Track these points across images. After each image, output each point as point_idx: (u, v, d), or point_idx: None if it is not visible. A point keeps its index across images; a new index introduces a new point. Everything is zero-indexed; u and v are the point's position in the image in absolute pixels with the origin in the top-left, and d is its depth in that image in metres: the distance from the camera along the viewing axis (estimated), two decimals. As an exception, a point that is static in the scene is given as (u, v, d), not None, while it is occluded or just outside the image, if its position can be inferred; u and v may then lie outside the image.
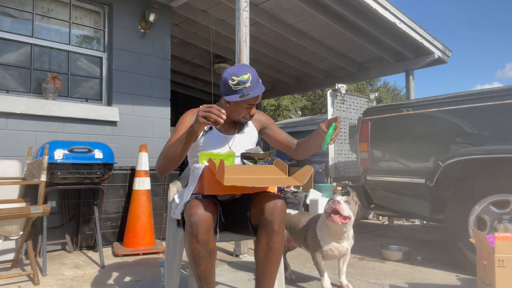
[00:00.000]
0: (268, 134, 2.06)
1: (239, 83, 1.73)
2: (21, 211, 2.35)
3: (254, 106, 1.83)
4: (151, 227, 3.44)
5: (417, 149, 3.03)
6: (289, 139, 2.05)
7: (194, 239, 1.52)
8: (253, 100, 1.78)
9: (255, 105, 1.84)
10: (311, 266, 2.94)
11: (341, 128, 4.52)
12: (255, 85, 1.75)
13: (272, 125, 2.08)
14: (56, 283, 2.51)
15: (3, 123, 3.27)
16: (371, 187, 3.35)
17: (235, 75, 1.73)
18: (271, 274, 1.66)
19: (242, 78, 1.73)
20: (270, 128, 2.06)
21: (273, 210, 1.61)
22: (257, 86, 1.77)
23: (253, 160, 1.80)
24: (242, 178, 1.53)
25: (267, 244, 1.63)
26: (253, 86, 1.74)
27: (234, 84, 1.73)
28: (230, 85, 1.74)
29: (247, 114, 1.84)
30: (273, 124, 2.08)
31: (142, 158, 3.49)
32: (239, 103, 1.78)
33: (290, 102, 20.97)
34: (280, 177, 1.63)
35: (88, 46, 3.98)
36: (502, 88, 2.73)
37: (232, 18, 4.79)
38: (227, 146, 1.89)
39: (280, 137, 2.05)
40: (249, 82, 1.73)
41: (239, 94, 1.73)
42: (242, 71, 1.75)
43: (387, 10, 4.62)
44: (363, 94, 17.35)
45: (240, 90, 1.73)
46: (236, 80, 1.73)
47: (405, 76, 6.10)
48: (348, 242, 2.28)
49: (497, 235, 2.04)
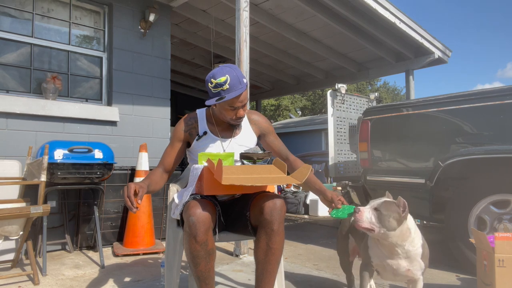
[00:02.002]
0: (265, 142, 2.04)
1: (216, 85, 1.71)
2: (21, 211, 2.35)
3: (239, 108, 1.78)
4: (151, 227, 3.44)
5: (417, 149, 3.03)
6: (284, 152, 2.03)
7: (193, 239, 1.52)
8: (234, 102, 1.74)
9: (241, 107, 1.78)
10: (311, 266, 2.94)
11: (341, 128, 4.52)
12: (234, 86, 1.70)
13: (271, 134, 2.03)
14: (56, 283, 2.51)
15: (3, 123, 3.27)
16: (371, 187, 3.35)
17: (214, 77, 1.72)
18: (270, 274, 1.66)
19: (219, 80, 1.70)
20: (267, 137, 2.03)
21: (273, 210, 1.61)
22: (237, 88, 1.71)
23: (252, 160, 1.80)
24: (241, 178, 1.53)
25: (267, 244, 1.62)
26: (232, 88, 1.70)
27: (212, 87, 1.72)
28: (210, 88, 1.74)
29: (233, 116, 1.80)
30: (272, 133, 2.04)
31: (142, 158, 3.49)
32: (223, 105, 1.77)
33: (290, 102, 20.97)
34: (279, 176, 1.63)
35: (88, 46, 3.98)
36: (502, 88, 2.73)
37: (232, 18, 4.79)
38: (222, 150, 1.89)
39: (275, 148, 2.03)
40: (226, 84, 1.69)
41: (217, 97, 1.72)
42: (221, 73, 1.71)
43: (387, 10, 4.62)
44: (363, 94, 17.35)
45: (218, 93, 1.71)
46: (214, 82, 1.71)
47: (405, 76, 6.10)
48: (411, 262, 1.68)
49: (497, 235, 2.04)
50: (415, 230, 1.67)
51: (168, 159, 1.90)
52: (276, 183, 1.60)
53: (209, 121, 1.93)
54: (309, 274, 2.72)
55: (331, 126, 4.37)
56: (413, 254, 1.66)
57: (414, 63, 5.89)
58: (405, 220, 1.63)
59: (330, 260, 3.11)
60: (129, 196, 1.52)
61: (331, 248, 3.53)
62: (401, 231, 1.62)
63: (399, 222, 1.61)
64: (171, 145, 1.92)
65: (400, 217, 1.61)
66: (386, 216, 1.61)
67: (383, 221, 1.61)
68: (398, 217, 1.61)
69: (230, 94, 1.70)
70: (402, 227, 1.62)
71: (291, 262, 3.04)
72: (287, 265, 2.92)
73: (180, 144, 1.91)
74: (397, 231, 1.62)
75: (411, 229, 1.65)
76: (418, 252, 1.67)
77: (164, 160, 1.91)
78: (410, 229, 1.65)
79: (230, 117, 1.81)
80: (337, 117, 4.46)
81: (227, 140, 1.91)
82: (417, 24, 5.12)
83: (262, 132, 2.02)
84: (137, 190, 1.56)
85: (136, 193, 1.55)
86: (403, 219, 1.62)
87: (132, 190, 1.53)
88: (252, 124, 2.00)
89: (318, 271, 2.80)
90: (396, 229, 1.61)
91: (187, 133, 1.90)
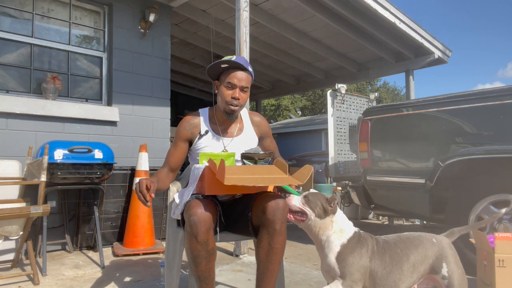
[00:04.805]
0: (262, 144, 2.06)
1: (224, 61, 1.81)
2: (21, 211, 2.35)
3: (237, 87, 1.81)
4: (151, 227, 3.44)
5: (417, 149, 3.03)
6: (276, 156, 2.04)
7: (194, 239, 1.52)
8: (233, 78, 1.80)
9: (238, 87, 1.82)
10: (311, 266, 2.94)
11: (341, 128, 4.53)
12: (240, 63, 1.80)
13: (268, 138, 2.07)
14: (56, 283, 2.51)
15: (3, 123, 3.27)
16: (371, 187, 3.35)
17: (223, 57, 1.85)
18: (272, 274, 1.66)
19: (228, 56, 1.82)
20: (265, 140, 2.06)
21: (275, 210, 1.61)
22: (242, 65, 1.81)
23: (253, 160, 1.80)
24: (243, 178, 1.53)
25: (269, 244, 1.63)
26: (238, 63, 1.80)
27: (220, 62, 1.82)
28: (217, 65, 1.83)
29: (229, 97, 1.81)
30: (269, 137, 2.08)
31: (142, 158, 3.49)
32: (222, 87, 1.83)
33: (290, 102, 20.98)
34: (281, 177, 1.63)
35: (88, 46, 3.98)
36: (502, 88, 2.73)
37: (232, 18, 4.79)
38: (223, 148, 1.89)
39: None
40: (233, 60, 1.80)
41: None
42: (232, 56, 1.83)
43: (387, 10, 4.62)
44: (363, 94, 17.36)
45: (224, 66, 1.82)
46: (223, 59, 1.82)
47: (405, 76, 6.10)
48: (326, 258, 1.60)
49: (497, 235, 2.05)
50: (341, 227, 1.63)
51: (172, 158, 1.91)
52: (278, 184, 1.60)
53: (212, 121, 1.94)
54: (309, 274, 2.72)
55: (331, 126, 4.38)
56: (334, 244, 1.60)
57: (414, 63, 5.89)
58: (333, 214, 1.64)
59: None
60: (142, 191, 1.54)
61: (331, 248, 3.52)
62: (325, 222, 1.63)
63: (326, 213, 1.63)
64: (175, 145, 1.93)
65: (327, 209, 1.63)
66: (313, 203, 1.63)
67: (312, 207, 1.62)
68: (326, 208, 1.63)
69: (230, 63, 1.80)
70: (328, 219, 1.64)
71: (291, 262, 3.04)
72: (287, 265, 2.92)
73: (183, 144, 1.92)
74: (323, 220, 1.63)
75: (335, 223, 1.64)
76: (334, 249, 1.59)
77: (169, 160, 1.91)
78: (334, 223, 1.64)
79: (226, 98, 1.82)
80: (337, 117, 4.46)
81: (229, 139, 1.92)
82: (417, 24, 5.12)
83: (261, 135, 2.04)
84: (149, 185, 1.57)
85: (148, 188, 1.56)
86: (331, 213, 1.64)
87: (144, 185, 1.55)
88: (255, 125, 2.01)
89: (318, 271, 2.80)
90: (322, 219, 1.63)
91: (189, 132, 1.91)
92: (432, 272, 1.60)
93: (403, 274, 1.56)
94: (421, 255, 1.58)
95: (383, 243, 1.62)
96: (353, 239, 1.61)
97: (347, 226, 1.65)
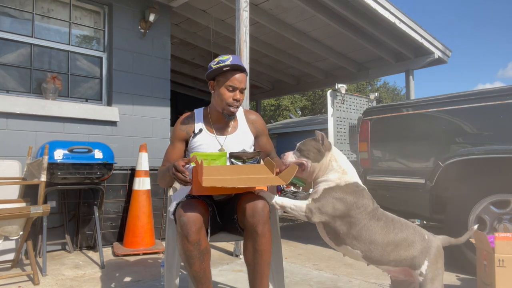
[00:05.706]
0: (257, 143, 2.03)
1: (219, 62, 1.80)
2: (21, 211, 2.35)
3: (237, 89, 1.82)
4: (151, 227, 3.44)
5: (417, 149, 3.03)
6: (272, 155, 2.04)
7: (185, 240, 1.52)
8: (233, 80, 1.79)
9: (239, 88, 1.82)
10: (311, 266, 2.94)
11: (341, 128, 4.53)
12: (236, 65, 1.79)
13: (264, 136, 2.04)
14: (56, 283, 2.51)
15: (3, 123, 3.27)
16: (371, 187, 3.35)
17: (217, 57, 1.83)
18: (262, 276, 1.63)
19: (223, 57, 1.81)
20: (261, 139, 2.03)
21: (254, 212, 1.57)
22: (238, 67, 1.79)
23: (241, 160, 1.79)
24: (222, 179, 1.49)
25: (253, 247, 1.60)
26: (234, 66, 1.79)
27: (214, 64, 1.81)
28: (212, 67, 1.81)
29: (231, 98, 1.82)
30: (266, 135, 2.06)
31: (142, 158, 3.49)
32: (221, 85, 1.81)
33: (290, 102, 20.97)
34: (265, 177, 1.59)
35: (88, 46, 3.98)
36: (502, 88, 2.73)
37: (232, 18, 4.79)
38: (219, 146, 1.88)
39: (266, 150, 2.04)
40: (228, 61, 1.78)
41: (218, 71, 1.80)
42: (224, 55, 1.84)
43: (387, 10, 4.62)
44: (363, 94, 17.35)
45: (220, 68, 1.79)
46: (217, 60, 1.81)
47: (405, 76, 6.10)
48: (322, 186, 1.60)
49: (497, 235, 2.04)
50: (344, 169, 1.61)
51: (171, 158, 1.91)
52: (260, 185, 1.56)
53: (206, 120, 1.94)
54: (309, 274, 2.72)
55: (331, 126, 4.38)
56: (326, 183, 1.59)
57: (414, 63, 5.89)
58: (328, 151, 1.63)
59: (330, 260, 3.11)
60: (182, 171, 1.58)
61: (331, 248, 3.51)
62: (323, 163, 1.62)
63: (321, 154, 1.62)
64: (172, 145, 1.93)
65: (321, 148, 1.63)
66: (305, 151, 1.64)
67: (306, 155, 1.63)
68: (319, 147, 1.63)
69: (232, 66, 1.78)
70: (325, 158, 1.62)
71: (291, 262, 3.04)
72: (287, 265, 2.92)
73: (180, 143, 1.92)
74: (321, 162, 1.62)
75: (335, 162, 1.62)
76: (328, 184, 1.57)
77: (168, 159, 1.91)
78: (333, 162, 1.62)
79: (227, 100, 1.81)
80: (337, 117, 4.46)
81: (223, 137, 1.90)
82: (417, 24, 5.12)
83: (257, 134, 2.02)
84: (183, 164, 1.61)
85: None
86: (326, 150, 1.63)
87: (181, 166, 1.59)
88: (250, 123, 2.00)
89: (318, 271, 2.80)
90: (320, 161, 1.62)
91: (185, 131, 1.91)
92: (411, 266, 1.57)
93: (383, 245, 1.53)
94: (408, 242, 1.55)
95: (382, 213, 1.60)
96: (352, 186, 1.57)
97: (350, 169, 1.63)
